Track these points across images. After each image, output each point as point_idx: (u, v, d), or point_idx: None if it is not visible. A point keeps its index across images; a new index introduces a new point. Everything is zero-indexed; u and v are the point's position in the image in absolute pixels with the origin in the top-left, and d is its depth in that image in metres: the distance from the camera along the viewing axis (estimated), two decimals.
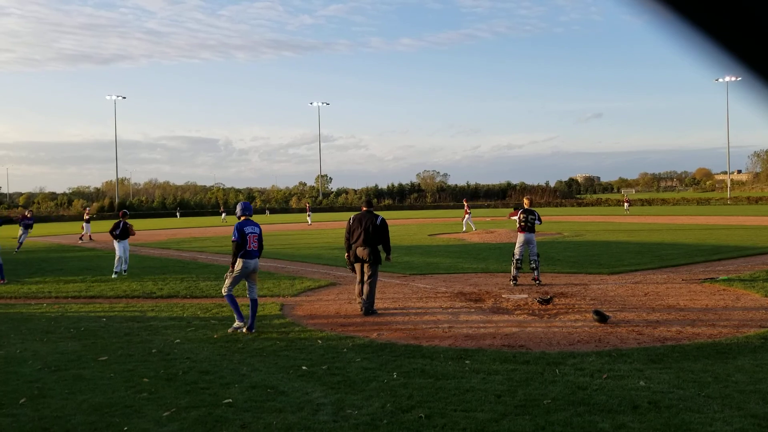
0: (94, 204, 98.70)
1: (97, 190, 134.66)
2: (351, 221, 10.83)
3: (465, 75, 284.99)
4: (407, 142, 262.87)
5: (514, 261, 13.35)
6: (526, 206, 13.87)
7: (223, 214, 63.86)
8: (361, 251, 10.54)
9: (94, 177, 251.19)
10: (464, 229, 32.76)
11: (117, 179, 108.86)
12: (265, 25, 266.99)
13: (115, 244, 16.40)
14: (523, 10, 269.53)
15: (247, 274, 9.34)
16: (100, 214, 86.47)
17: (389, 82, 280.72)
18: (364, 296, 10.35)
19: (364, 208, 10.96)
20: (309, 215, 52.16)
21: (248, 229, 9.30)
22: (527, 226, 13.51)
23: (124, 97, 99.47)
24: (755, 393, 5.60)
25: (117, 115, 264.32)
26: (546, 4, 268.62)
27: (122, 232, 16.55)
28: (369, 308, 10.27)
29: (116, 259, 16.21)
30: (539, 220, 13.76)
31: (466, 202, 36.88)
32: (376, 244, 10.59)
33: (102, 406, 5.70)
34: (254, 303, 9.17)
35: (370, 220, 10.66)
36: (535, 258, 13.37)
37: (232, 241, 9.25)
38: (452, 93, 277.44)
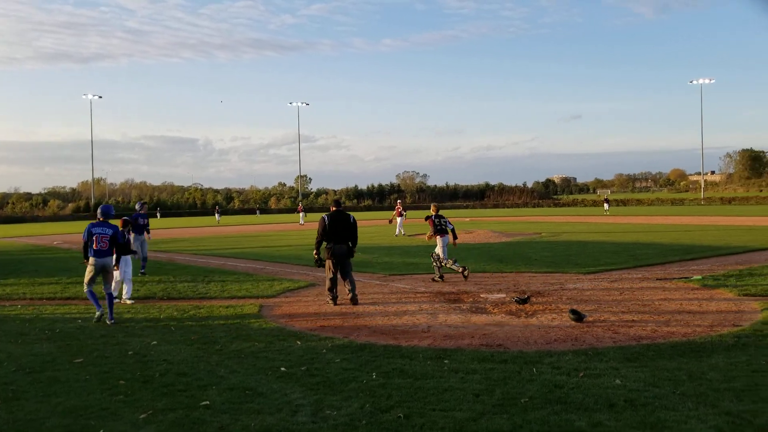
0: (69, 205, 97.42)
1: (73, 190, 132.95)
2: (327, 221, 11.32)
3: (448, 76, 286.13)
4: (389, 143, 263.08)
5: (437, 261, 14.37)
6: (434, 212, 15.05)
7: (218, 215, 63.06)
8: (339, 248, 11.30)
9: (71, 177, 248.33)
10: (398, 232, 31.06)
11: (93, 179, 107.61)
12: (246, 24, 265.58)
13: (121, 261, 11.41)
14: (506, 12, 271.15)
15: (99, 271, 10.13)
16: (76, 215, 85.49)
17: (372, 82, 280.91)
18: (349, 287, 11.29)
19: (334, 208, 11.61)
20: (303, 215, 52.13)
21: (97, 230, 10.12)
22: (442, 229, 14.82)
23: (101, 97, 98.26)
24: (729, 391, 5.69)
25: (95, 114, 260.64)
26: (529, 6, 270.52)
27: (128, 243, 12.89)
28: (355, 297, 11.27)
29: (116, 280, 11.19)
30: (449, 223, 15.10)
31: (399, 202, 34.78)
32: (350, 240, 11.46)
33: (77, 408, 5.63)
34: (110, 297, 10.06)
35: (345, 219, 11.46)
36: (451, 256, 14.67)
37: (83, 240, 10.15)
38: (435, 94, 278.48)
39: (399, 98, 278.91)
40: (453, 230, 15.21)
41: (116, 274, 11.08)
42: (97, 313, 10.07)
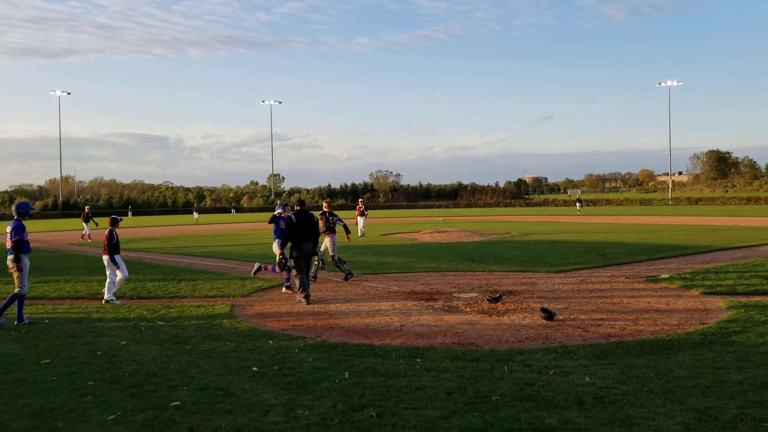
0: (37, 203, 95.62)
1: (41, 188, 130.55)
2: (295, 220, 11.55)
3: (421, 76, 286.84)
4: (363, 142, 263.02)
5: (337, 261, 14.36)
6: (326, 209, 14.85)
7: (196, 214, 61.89)
8: (307, 247, 11.54)
9: (38, 174, 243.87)
10: (360, 233, 29.96)
11: (61, 177, 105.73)
12: (219, 21, 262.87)
13: (118, 260, 11.95)
14: (479, 13, 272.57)
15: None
16: (44, 213, 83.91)
17: (346, 81, 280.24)
18: (313, 275, 11.80)
19: (297, 207, 11.95)
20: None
21: (21, 229, 9.84)
22: (332, 228, 14.68)
23: (69, 93, 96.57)
24: (695, 387, 5.80)
25: (64, 110, 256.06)
26: (502, 7, 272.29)
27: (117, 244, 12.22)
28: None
29: (117, 280, 11.97)
30: (340, 220, 15.08)
31: (361, 201, 33.87)
32: (314, 239, 11.77)
33: (44, 410, 5.54)
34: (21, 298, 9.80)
35: (309, 218, 11.74)
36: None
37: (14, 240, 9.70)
38: (409, 93, 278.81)
39: (373, 97, 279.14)
40: (345, 226, 15.50)
41: (118, 273, 11.84)
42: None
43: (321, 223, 13.90)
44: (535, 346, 7.65)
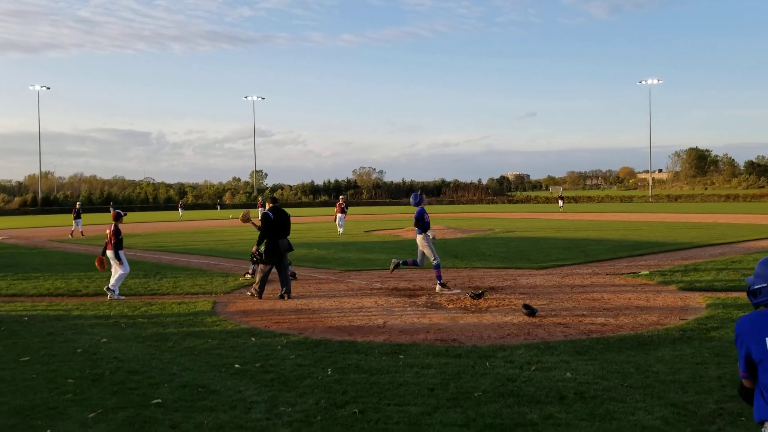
0: (15, 199, 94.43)
1: (20, 184, 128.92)
2: (273, 216, 11.59)
3: (405, 72, 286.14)
4: (346, 139, 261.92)
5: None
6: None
7: (181, 210, 60.93)
8: (283, 243, 11.64)
9: (18, 170, 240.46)
10: (340, 231, 28.51)
11: (40, 173, 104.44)
12: (202, 16, 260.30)
13: (121, 256, 12.10)
14: (462, 10, 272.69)
15: None
16: (23, 209, 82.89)
17: (330, 77, 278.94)
18: (286, 281, 11.54)
19: (270, 204, 11.97)
20: (261, 210, 51.41)
21: None
22: None
23: (48, 88, 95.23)
24: (675, 383, 5.87)
25: (44, 106, 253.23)
26: (485, 5, 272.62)
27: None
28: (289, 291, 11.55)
29: (120, 275, 12.03)
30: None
31: (342, 198, 32.28)
32: (288, 235, 11.85)
33: (23, 408, 5.48)
34: None
35: (285, 214, 11.84)
36: None
37: None
38: (392, 90, 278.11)
39: (357, 94, 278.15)
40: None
41: (119, 268, 11.90)
42: None
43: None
44: (517, 342, 7.70)
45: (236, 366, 6.75)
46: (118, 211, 12.60)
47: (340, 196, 35.94)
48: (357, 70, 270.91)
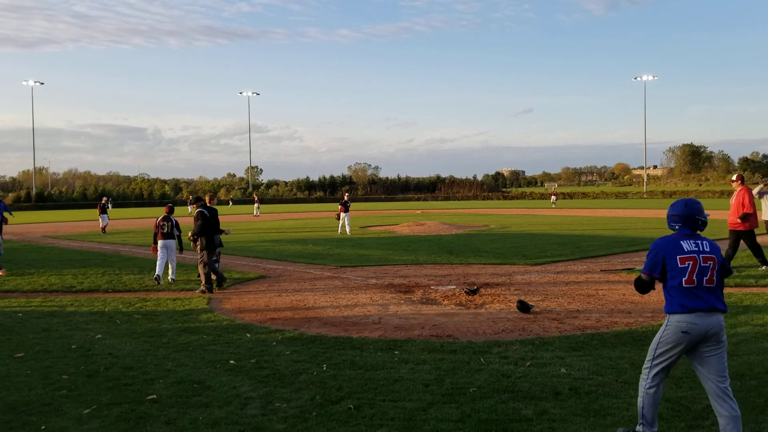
0: (9, 194, 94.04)
1: (14, 179, 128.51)
2: (209, 213, 12.21)
3: (402, 68, 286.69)
4: (342, 134, 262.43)
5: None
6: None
7: (190, 207, 59.36)
8: (217, 239, 12.48)
9: (12, 166, 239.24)
10: (341, 230, 26.96)
11: (34, 168, 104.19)
12: (199, 11, 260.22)
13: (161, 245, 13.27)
14: (460, 5, 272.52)
15: None
16: (17, 205, 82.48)
17: (326, 72, 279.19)
18: (218, 271, 12.34)
19: (201, 203, 12.57)
20: (257, 207, 51.08)
21: None
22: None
23: (42, 83, 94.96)
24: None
25: (40, 101, 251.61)
26: (481, 0, 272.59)
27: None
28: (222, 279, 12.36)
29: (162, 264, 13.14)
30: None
31: (346, 195, 30.86)
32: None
33: (18, 404, 5.47)
34: None
35: (215, 212, 12.51)
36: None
37: None
38: (389, 85, 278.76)
39: (353, 89, 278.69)
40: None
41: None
42: None
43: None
44: (512, 338, 7.72)
45: (231, 362, 6.74)
46: (171, 204, 14.34)
47: (346, 193, 34.20)
48: (353, 65, 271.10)
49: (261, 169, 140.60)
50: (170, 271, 13.47)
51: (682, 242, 4.42)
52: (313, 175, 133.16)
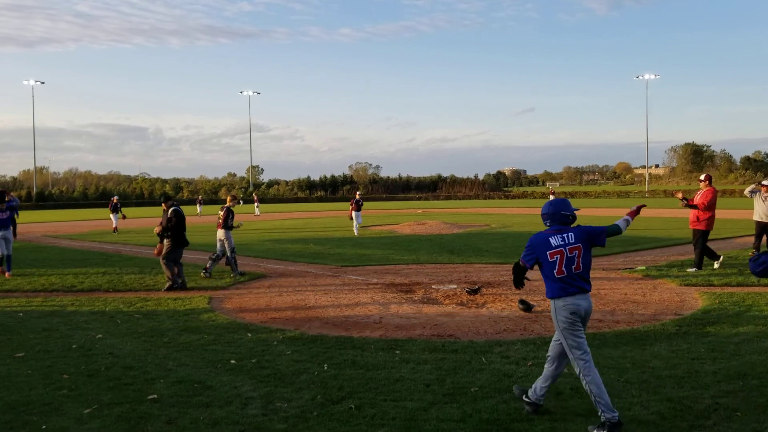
0: (11, 194, 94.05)
1: (14, 179, 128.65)
2: (180, 212, 12.50)
3: (403, 67, 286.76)
4: (343, 134, 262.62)
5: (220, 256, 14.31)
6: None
7: (199, 207, 57.69)
8: (185, 237, 12.65)
9: (12, 165, 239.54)
10: (357, 233, 25.67)
11: (35, 168, 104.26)
12: (200, 10, 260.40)
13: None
14: (462, 5, 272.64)
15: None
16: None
17: (328, 72, 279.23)
18: (181, 272, 12.32)
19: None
20: (257, 206, 50.89)
21: None
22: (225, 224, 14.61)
23: (43, 83, 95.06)
24: (671, 378, 5.88)
25: (41, 101, 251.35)
26: (484, 0, 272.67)
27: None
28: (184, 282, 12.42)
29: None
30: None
31: (358, 194, 29.46)
32: None
33: (19, 404, 5.46)
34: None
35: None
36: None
37: None
38: (390, 85, 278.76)
39: (355, 89, 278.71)
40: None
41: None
42: None
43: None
44: (514, 338, 7.70)
45: (232, 362, 6.73)
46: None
47: (357, 192, 32.69)
48: (355, 65, 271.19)
49: (262, 169, 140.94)
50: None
51: (550, 238, 5.09)
52: (314, 175, 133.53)
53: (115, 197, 32.79)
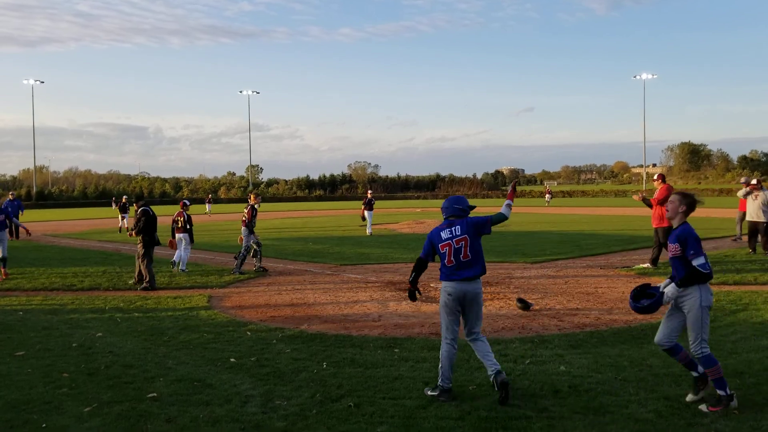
0: (10, 193, 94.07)
1: (14, 178, 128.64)
2: (148, 213, 12.80)
3: (403, 67, 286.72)
4: (343, 133, 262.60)
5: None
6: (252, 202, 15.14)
7: (208, 206, 56.25)
8: (156, 237, 12.85)
9: (13, 165, 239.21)
10: (369, 232, 24.91)
11: (35, 167, 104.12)
12: (201, 10, 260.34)
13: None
14: (462, 4, 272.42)
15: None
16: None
17: (328, 71, 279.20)
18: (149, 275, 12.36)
19: (141, 202, 13.28)
20: (258, 205, 50.33)
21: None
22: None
23: (42, 82, 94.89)
24: (668, 376, 5.91)
25: (41, 100, 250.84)
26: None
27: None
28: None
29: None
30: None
31: (369, 192, 28.78)
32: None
33: (19, 402, 5.48)
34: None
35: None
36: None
37: None
38: (390, 85, 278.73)
39: (355, 88, 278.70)
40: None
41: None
42: None
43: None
44: (512, 336, 7.73)
45: (232, 360, 6.76)
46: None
47: (368, 191, 31.42)
48: (355, 64, 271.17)
49: (261, 168, 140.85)
50: (181, 263, 14.56)
51: (441, 232, 5.70)
52: (313, 174, 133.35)
53: (125, 197, 32.59)
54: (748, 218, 15.64)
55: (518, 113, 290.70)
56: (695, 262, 4.99)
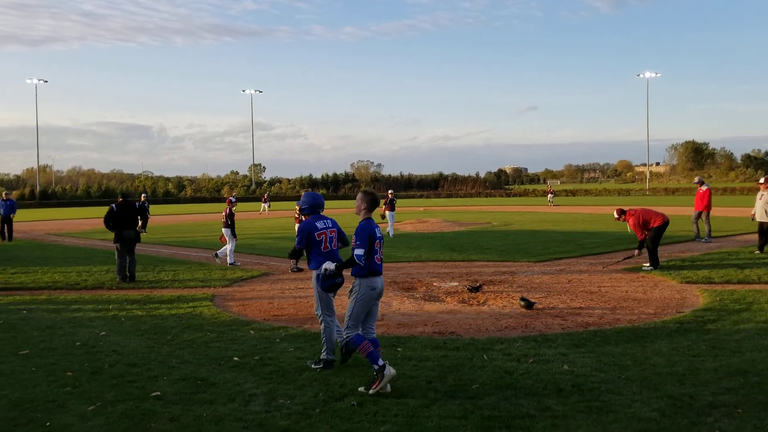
0: (13, 192, 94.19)
1: (18, 177, 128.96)
2: (116, 209, 13.02)
3: (406, 65, 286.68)
4: (346, 132, 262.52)
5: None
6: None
7: (264, 204, 50.77)
8: (128, 234, 13.05)
9: (16, 164, 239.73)
10: (392, 234, 23.49)
11: (38, 166, 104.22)
12: (205, 9, 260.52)
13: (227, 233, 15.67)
14: (465, 3, 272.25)
15: None
16: (21, 203, 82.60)
17: (331, 70, 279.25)
18: (131, 267, 13.06)
19: (120, 199, 13.36)
20: (267, 204, 50.55)
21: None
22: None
23: (46, 81, 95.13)
24: (671, 375, 5.90)
25: (45, 99, 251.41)
26: None
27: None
28: (134, 275, 13.11)
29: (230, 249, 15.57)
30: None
31: (391, 192, 27.66)
32: (136, 225, 13.39)
33: (23, 401, 5.49)
34: None
35: (132, 207, 13.36)
36: None
37: None
38: (393, 83, 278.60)
39: (358, 87, 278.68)
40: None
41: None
42: None
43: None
44: (515, 335, 7.73)
45: (235, 359, 6.76)
46: (231, 198, 16.27)
47: (390, 191, 29.46)
48: (358, 63, 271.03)
49: (264, 167, 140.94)
50: (227, 256, 15.46)
51: (316, 223, 6.63)
52: (316, 173, 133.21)
53: (144, 195, 32.17)
54: (758, 218, 15.58)
55: (521, 112, 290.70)
56: (356, 252, 6.13)
